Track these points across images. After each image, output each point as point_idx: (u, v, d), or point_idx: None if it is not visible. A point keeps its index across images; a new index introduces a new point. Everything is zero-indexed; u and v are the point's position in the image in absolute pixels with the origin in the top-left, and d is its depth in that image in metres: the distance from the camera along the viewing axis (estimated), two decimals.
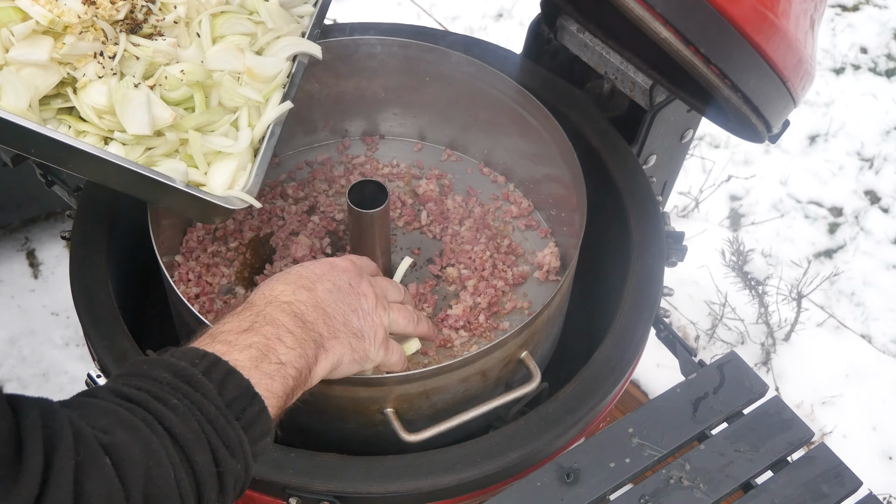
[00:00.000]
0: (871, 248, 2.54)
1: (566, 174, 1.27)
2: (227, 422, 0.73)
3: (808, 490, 1.04)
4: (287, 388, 0.82)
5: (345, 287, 0.96)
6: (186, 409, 0.71)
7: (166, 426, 0.70)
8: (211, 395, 0.74)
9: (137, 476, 0.65)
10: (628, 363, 1.14)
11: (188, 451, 0.70)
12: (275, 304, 0.88)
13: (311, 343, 0.87)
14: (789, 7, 0.95)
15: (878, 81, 3.00)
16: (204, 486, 0.70)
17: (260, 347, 0.81)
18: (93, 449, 0.64)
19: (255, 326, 0.83)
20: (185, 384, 0.73)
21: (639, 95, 1.30)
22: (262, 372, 0.79)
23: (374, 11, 2.97)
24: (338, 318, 0.92)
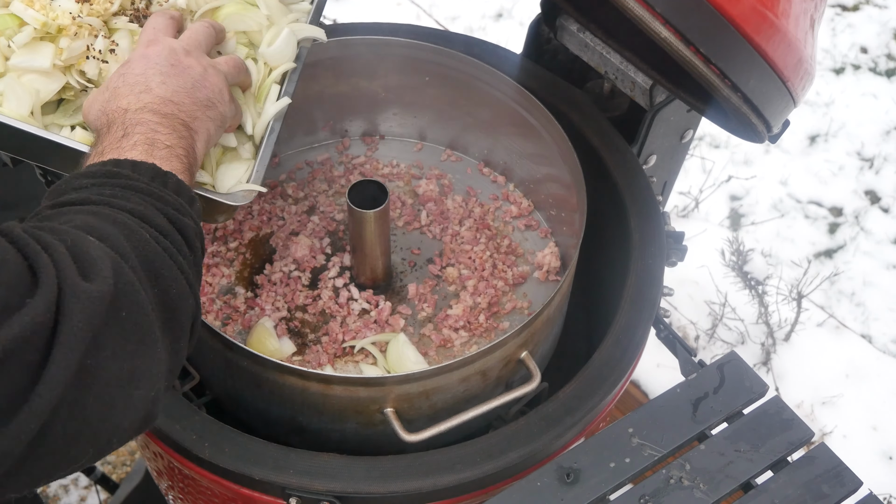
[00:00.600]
0: (871, 248, 2.54)
1: (566, 174, 1.27)
2: (159, 192, 0.80)
3: (808, 490, 1.04)
4: (184, 164, 0.87)
5: (169, 70, 0.96)
6: (123, 193, 0.78)
7: (118, 206, 0.76)
8: (133, 178, 0.80)
9: (123, 244, 0.71)
10: (628, 363, 1.13)
11: (147, 220, 0.77)
12: (131, 111, 0.90)
13: (180, 127, 0.91)
14: (789, 7, 0.95)
15: (878, 81, 3.00)
16: (175, 242, 0.78)
17: (143, 143, 0.86)
18: (74, 234, 0.69)
19: (128, 132, 0.87)
20: (108, 177, 0.80)
21: (639, 95, 1.30)
22: (156, 158, 0.85)
23: (374, 11, 2.97)
24: (186, 102, 0.95)
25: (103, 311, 0.64)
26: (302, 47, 1.16)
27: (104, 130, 0.90)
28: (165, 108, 0.91)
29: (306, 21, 1.21)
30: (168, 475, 1.21)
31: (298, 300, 1.30)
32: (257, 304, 1.29)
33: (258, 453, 1.02)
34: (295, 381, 1.06)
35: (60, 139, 0.96)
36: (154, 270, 0.73)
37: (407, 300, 1.31)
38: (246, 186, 1.03)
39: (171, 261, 0.75)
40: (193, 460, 1.03)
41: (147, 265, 0.72)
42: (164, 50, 0.98)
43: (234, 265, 1.35)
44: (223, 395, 1.22)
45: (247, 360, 1.07)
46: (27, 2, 1.00)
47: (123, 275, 0.68)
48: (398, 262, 1.36)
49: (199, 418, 1.05)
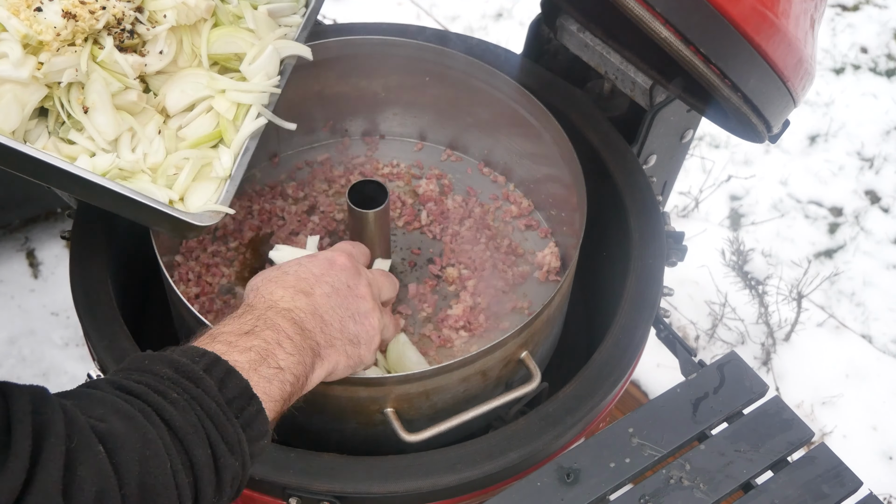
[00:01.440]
0: (871, 248, 2.54)
1: (566, 174, 1.27)
2: (226, 418, 0.73)
3: (809, 490, 1.04)
4: (284, 393, 0.82)
5: (342, 290, 0.95)
6: (186, 404, 0.71)
7: (165, 418, 0.69)
8: (211, 391, 0.73)
9: (132, 465, 0.65)
10: (628, 363, 1.13)
11: (186, 444, 0.69)
12: (275, 309, 0.88)
13: (308, 351, 0.87)
14: (789, 7, 0.95)
15: (878, 81, 3.00)
16: (201, 481, 0.70)
17: (260, 351, 0.81)
18: (86, 436, 0.63)
19: (255, 330, 0.83)
20: (185, 379, 0.73)
21: (639, 95, 1.30)
22: (260, 375, 0.79)
23: (374, 11, 2.97)
24: (335, 325, 0.92)
25: None
26: (287, 64, 1.16)
27: (242, 310, 0.87)
28: (309, 322, 0.89)
29: (295, 34, 1.20)
30: None
31: None
32: None
33: None
34: None
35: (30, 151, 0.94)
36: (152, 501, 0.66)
37: (407, 300, 1.31)
38: (214, 207, 1.02)
39: (177, 502, 0.68)
40: None
41: (145, 494, 0.66)
42: (351, 271, 0.97)
43: (234, 265, 1.35)
44: None
45: None
46: (12, 10, 0.98)
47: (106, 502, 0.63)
48: (398, 262, 1.36)
49: None
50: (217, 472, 0.71)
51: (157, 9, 1.06)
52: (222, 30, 1.12)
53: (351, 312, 0.95)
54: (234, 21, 1.14)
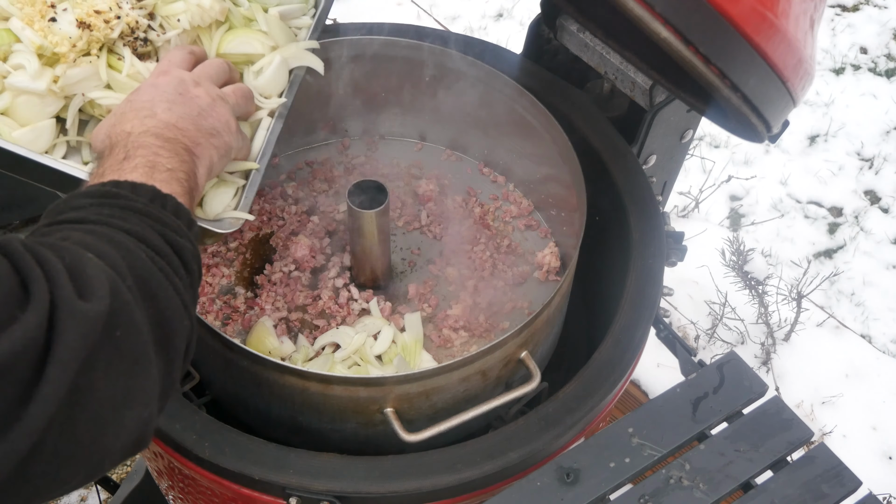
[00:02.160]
0: (871, 248, 2.54)
1: (566, 174, 1.27)
2: (157, 213, 0.80)
3: (808, 490, 1.04)
4: (184, 188, 0.87)
5: (177, 98, 0.97)
6: (121, 214, 0.78)
7: (115, 226, 0.76)
8: (132, 199, 0.80)
9: (119, 263, 0.70)
10: (628, 363, 1.13)
11: (145, 240, 0.76)
12: (134, 135, 0.91)
13: (182, 151, 0.91)
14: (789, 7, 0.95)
15: (878, 81, 3.00)
16: (172, 263, 0.77)
17: (145, 164, 0.86)
18: (73, 250, 0.68)
19: (130, 154, 0.87)
20: (106, 198, 0.79)
21: (639, 95, 1.30)
22: (158, 180, 0.85)
23: (374, 11, 2.97)
24: (190, 128, 0.95)
25: (99, 330, 0.63)
26: (296, 74, 1.16)
27: (106, 153, 0.90)
28: (168, 132, 0.92)
29: (306, 35, 1.20)
30: (168, 475, 1.21)
31: (298, 300, 1.30)
32: (257, 304, 1.29)
33: (258, 453, 1.02)
34: (295, 381, 1.06)
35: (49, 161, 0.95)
36: (150, 291, 0.72)
37: (407, 300, 1.31)
38: (234, 214, 1.03)
39: (167, 281, 0.74)
40: (193, 460, 1.03)
41: (143, 285, 0.71)
42: (174, 80, 0.99)
43: (234, 265, 1.35)
44: (223, 395, 1.22)
45: (247, 360, 1.07)
46: (27, 20, 0.99)
47: (120, 294, 0.67)
48: (398, 262, 1.36)
49: (199, 418, 1.05)
50: (178, 254, 0.79)
51: (169, 14, 1.07)
52: (235, 32, 1.12)
53: (196, 111, 0.97)
54: (246, 24, 1.14)
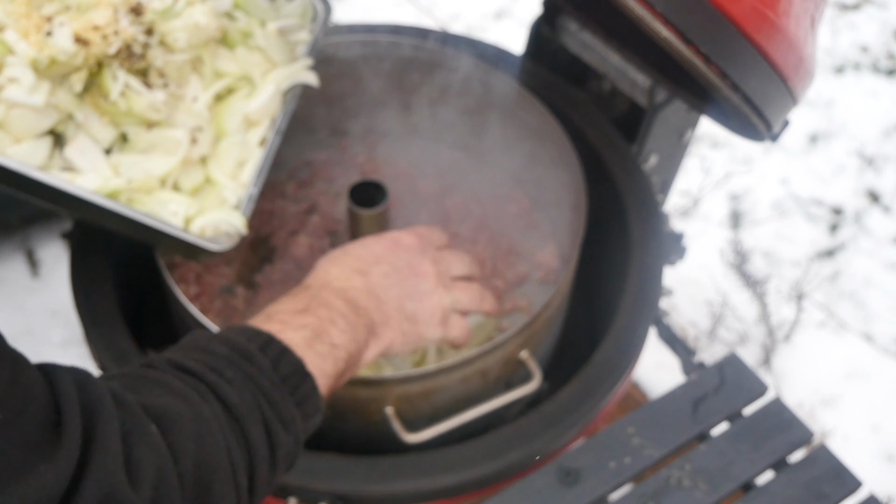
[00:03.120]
0: (871, 247, 2.54)
1: (566, 174, 1.27)
2: (280, 396, 0.73)
3: (809, 490, 1.04)
4: (338, 369, 0.82)
5: (403, 269, 0.94)
6: (242, 382, 0.71)
7: (220, 396, 0.69)
8: (266, 369, 0.74)
9: (187, 443, 0.64)
10: (628, 363, 1.13)
11: (242, 423, 0.69)
12: (329, 288, 0.88)
13: (362, 328, 0.87)
14: (790, 6, 0.95)
15: (878, 81, 2.99)
16: (256, 458, 0.70)
17: (313, 329, 0.81)
18: (137, 416, 0.62)
19: (309, 308, 0.84)
20: (241, 358, 0.73)
21: (639, 95, 1.30)
22: (314, 352, 0.79)
23: (374, 11, 2.97)
24: (391, 304, 0.92)
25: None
26: (292, 92, 1.16)
27: (295, 290, 0.88)
28: (363, 300, 0.89)
29: (306, 50, 1.19)
30: None
31: None
32: (257, 303, 1.29)
33: None
34: None
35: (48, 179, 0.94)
36: (205, 482, 0.65)
37: None
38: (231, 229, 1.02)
39: (231, 480, 0.67)
40: None
41: (200, 473, 0.64)
42: (416, 249, 0.96)
43: (234, 265, 1.34)
44: None
45: None
46: (22, 33, 0.97)
47: (165, 482, 0.61)
48: None
49: None
50: (271, 449, 0.71)
51: (167, 31, 1.05)
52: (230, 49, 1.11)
53: (409, 292, 0.94)
54: (242, 41, 1.13)
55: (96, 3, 0.99)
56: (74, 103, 0.99)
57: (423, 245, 0.99)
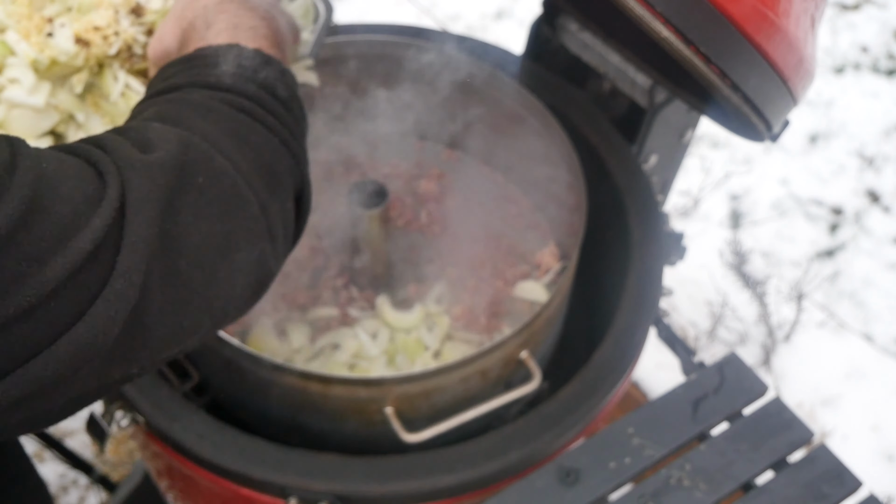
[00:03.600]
0: (871, 247, 2.54)
1: (566, 174, 1.27)
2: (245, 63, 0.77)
3: (809, 490, 1.04)
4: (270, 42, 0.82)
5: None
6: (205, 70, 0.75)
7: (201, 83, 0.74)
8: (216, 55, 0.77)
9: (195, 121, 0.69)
10: (628, 363, 1.13)
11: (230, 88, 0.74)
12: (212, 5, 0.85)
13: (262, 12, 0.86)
14: (790, 6, 0.95)
15: (878, 81, 2.99)
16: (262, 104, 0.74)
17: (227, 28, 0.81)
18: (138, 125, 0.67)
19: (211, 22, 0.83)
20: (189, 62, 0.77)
21: (639, 95, 1.30)
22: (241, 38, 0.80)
23: (374, 11, 2.97)
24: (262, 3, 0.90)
25: (171, 177, 0.62)
26: None
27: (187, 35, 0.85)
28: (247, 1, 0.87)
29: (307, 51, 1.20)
30: (168, 475, 1.21)
31: (298, 300, 1.30)
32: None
33: (258, 453, 1.02)
34: (295, 382, 1.06)
35: None
36: (241, 136, 0.71)
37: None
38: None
39: (258, 125, 0.73)
40: (193, 460, 1.03)
41: (232, 134, 0.70)
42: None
43: None
44: (223, 395, 1.22)
45: (246, 361, 1.07)
46: (23, 33, 0.97)
47: (192, 146, 0.66)
48: (398, 262, 1.36)
49: (199, 418, 1.05)
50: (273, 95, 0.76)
51: None
52: None
53: None
54: None
55: (97, 4, 0.99)
56: (75, 104, 0.99)
57: None
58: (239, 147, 0.70)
